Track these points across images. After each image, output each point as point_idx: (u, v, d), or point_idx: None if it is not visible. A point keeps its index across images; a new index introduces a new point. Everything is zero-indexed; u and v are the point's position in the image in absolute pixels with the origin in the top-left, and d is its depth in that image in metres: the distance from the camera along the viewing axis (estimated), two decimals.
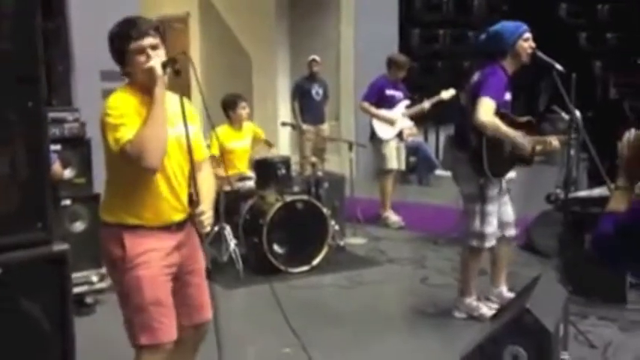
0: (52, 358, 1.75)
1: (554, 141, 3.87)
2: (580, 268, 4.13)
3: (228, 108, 5.61)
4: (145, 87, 2.37)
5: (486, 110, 3.64)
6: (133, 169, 2.33)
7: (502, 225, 4.04)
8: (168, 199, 2.44)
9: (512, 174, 4.14)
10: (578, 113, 3.80)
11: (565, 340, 3.28)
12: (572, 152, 3.97)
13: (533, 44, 3.79)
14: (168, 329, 2.43)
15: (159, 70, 2.32)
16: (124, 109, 2.33)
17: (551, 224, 5.14)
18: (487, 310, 4.02)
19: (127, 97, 2.38)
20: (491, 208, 3.89)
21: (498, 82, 3.74)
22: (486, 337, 2.92)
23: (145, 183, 2.38)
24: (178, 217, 2.49)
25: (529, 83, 8.81)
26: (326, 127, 7.95)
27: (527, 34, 3.80)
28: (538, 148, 3.91)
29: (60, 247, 1.76)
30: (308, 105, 7.86)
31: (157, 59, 2.35)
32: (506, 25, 3.86)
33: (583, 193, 4.69)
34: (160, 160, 2.32)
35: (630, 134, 1.91)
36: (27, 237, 1.72)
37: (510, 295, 4.10)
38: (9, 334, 1.70)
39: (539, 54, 3.83)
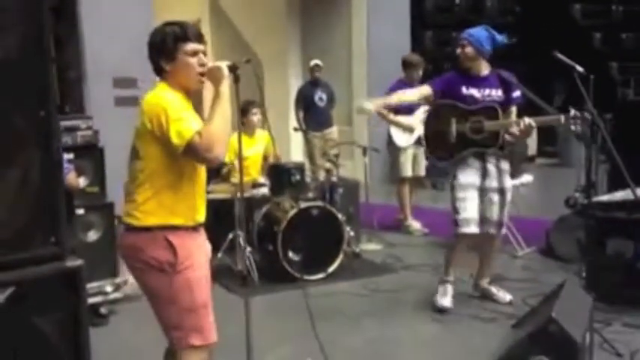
0: None
1: (526, 120, 3.92)
2: (603, 273, 4.04)
3: (240, 114, 5.56)
4: (182, 86, 2.46)
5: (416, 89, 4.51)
6: (181, 166, 2.39)
7: (483, 220, 4.17)
8: (202, 198, 2.52)
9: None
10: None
11: (591, 349, 3.20)
12: (593, 155, 3.90)
13: (461, 50, 4.17)
14: (214, 329, 2.50)
15: (226, 71, 2.43)
16: (179, 104, 2.38)
17: (570, 229, 5.06)
18: (444, 301, 4.24)
19: (173, 93, 2.42)
20: (461, 194, 4.14)
21: (443, 76, 4.35)
22: (511, 346, 2.85)
23: (188, 181, 2.45)
24: (203, 217, 2.54)
25: (543, 84, 8.71)
26: (334, 131, 7.79)
27: (460, 41, 4.23)
28: (513, 130, 3.99)
29: (74, 262, 1.70)
30: (311, 111, 7.72)
31: (223, 62, 2.47)
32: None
33: (605, 197, 4.59)
34: (225, 153, 2.41)
35: None
36: (40, 252, 1.66)
37: (488, 287, 4.43)
38: (22, 353, 1.65)
39: (559, 55, 3.77)
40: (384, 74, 6.70)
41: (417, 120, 6.41)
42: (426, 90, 4.27)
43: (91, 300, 3.94)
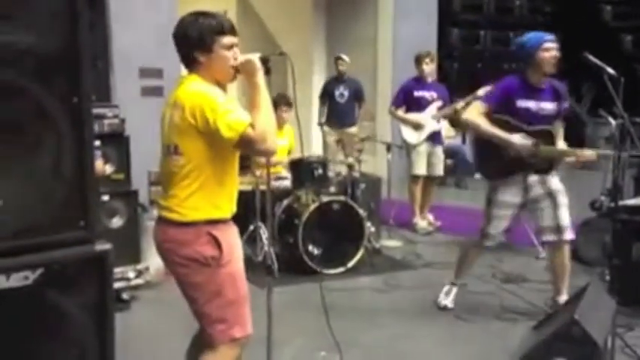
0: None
1: (587, 152, 3.83)
2: (627, 277, 3.99)
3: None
4: (215, 79, 2.44)
5: (470, 109, 4.02)
6: (224, 159, 2.39)
7: (541, 231, 4.02)
8: (236, 190, 2.54)
9: (556, 184, 3.99)
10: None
11: (612, 353, 3.17)
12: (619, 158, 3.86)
13: (555, 54, 3.82)
14: (250, 321, 2.52)
15: (259, 62, 2.43)
16: (222, 97, 2.36)
17: (595, 232, 5.00)
18: (444, 296, 4.28)
19: (211, 86, 2.40)
20: (497, 212, 4.00)
21: (500, 89, 3.98)
22: (532, 347, 2.83)
23: (230, 173, 2.46)
24: (235, 208, 2.56)
25: (572, 86, 8.62)
26: (354, 131, 7.57)
27: (548, 45, 3.84)
28: (569, 159, 3.89)
29: (102, 246, 1.72)
30: (331, 107, 7.62)
31: (254, 54, 2.46)
32: (529, 36, 3.96)
33: (631, 201, 4.53)
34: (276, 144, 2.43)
35: None
36: (69, 235, 1.68)
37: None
38: (49, 335, 1.68)
39: (589, 57, 3.75)
40: (409, 71, 6.66)
41: (427, 117, 6.37)
42: (479, 108, 3.96)
43: (114, 285, 3.98)
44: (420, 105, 6.36)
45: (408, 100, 6.43)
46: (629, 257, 4.16)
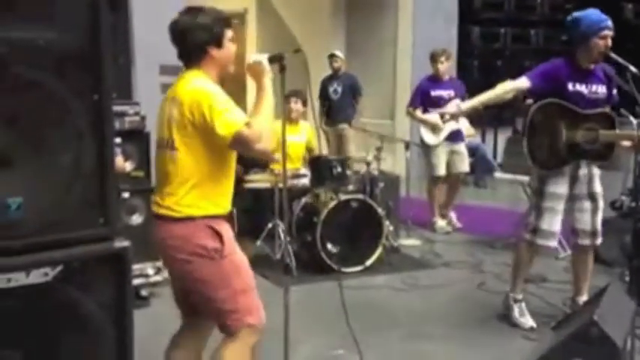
0: (109, 357, 1.74)
1: None
2: None
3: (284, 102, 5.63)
4: (220, 73, 2.49)
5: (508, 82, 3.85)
6: (221, 157, 2.41)
7: (574, 232, 3.89)
8: (232, 188, 2.54)
9: (598, 186, 3.86)
10: None
11: (632, 354, 3.13)
12: None
13: (609, 43, 3.61)
14: (262, 311, 2.54)
15: (267, 64, 2.48)
16: (222, 95, 2.38)
17: (615, 232, 4.94)
18: (520, 317, 3.96)
19: (213, 83, 2.43)
20: (549, 204, 3.75)
21: (548, 70, 3.75)
22: (550, 348, 2.81)
23: (226, 172, 2.48)
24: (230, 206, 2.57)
25: None
26: (346, 128, 7.47)
27: (606, 32, 3.60)
28: (625, 143, 3.69)
29: (121, 243, 1.74)
30: (326, 105, 7.58)
31: (262, 54, 2.53)
32: (588, 15, 3.67)
33: None
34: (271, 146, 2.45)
35: None
36: (89, 232, 1.70)
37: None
38: (68, 332, 1.70)
39: (612, 54, 3.67)
40: (428, 71, 6.62)
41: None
42: (522, 83, 3.75)
43: (133, 282, 4.01)
44: (437, 104, 6.29)
45: (425, 100, 6.37)
46: None
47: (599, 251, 5.13)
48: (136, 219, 4.29)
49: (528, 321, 3.94)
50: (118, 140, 4.05)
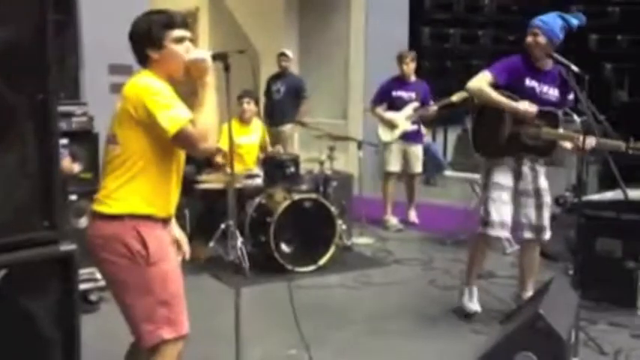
0: None
1: (588, 139, 3.55)
2: (591, 272, 4.08)
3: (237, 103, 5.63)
4: (169, 75, 2.43)
5: (477, 79, 3.84)
6: (159, 154, 2.34)
7: (520, 226, 3.95)
8: (175, 191, 2.48)
9: (544, 183, 3.96)
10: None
11: (576, 347, 3.24)
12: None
13: (531, 40, 3.81)
14: (186, 321, 2.45)
15: (210, 61, 2.41)
16: (167, 92, 2.34)
17: (559, 227, 5.08)
18: (468, 302, 4.09)
19: (160, 81, 2.39)
20: (495, 194, 3.86)
21: (505, 63, 3.88)
22: (497, 341, 2.88)
23: (165, 171, 2.40)
24: (172, 211, 2.51)
25: None
26: (285, 130, 7.35)
27: (531, 29, 3.84)
28: (566, 145, 3.79)
29: (67, 247, 1.71)
30: (268, 104, 7.49)
31: (205, 51, 2.46)
32: (541, 16, 3.92)
33: (596, 197, 4.63)
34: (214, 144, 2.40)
35: None
36: (33, 236, 1.67)
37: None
38: (12, 336, 1.66)
39: (554, 55, 3.77)
40: (381, 70, 6.71)
41: (403, 116, 6.44)
42: (486, 77, 3.82)
43: (82, 286, 3.93)
44: (398, 105, 6.44)
45: (386, 98, 6.51)
46: (592, 252, 4.26)
47: (544, 246, 5.30)
48: (84, 222, 4.19)
49: (475, 305, 4.08)
50: (65, 141, 3.96)
